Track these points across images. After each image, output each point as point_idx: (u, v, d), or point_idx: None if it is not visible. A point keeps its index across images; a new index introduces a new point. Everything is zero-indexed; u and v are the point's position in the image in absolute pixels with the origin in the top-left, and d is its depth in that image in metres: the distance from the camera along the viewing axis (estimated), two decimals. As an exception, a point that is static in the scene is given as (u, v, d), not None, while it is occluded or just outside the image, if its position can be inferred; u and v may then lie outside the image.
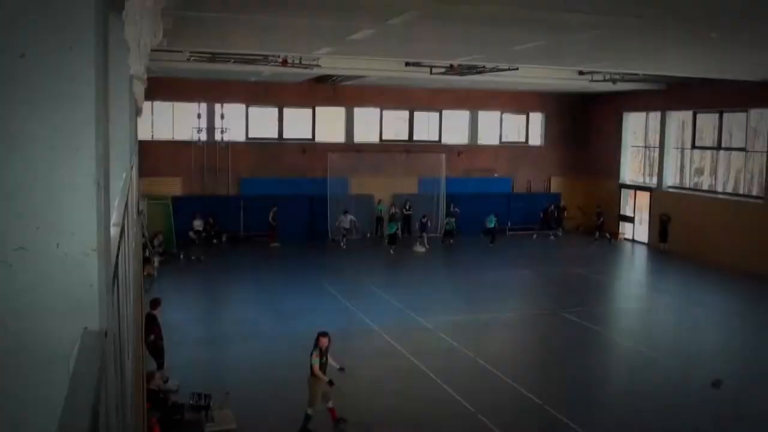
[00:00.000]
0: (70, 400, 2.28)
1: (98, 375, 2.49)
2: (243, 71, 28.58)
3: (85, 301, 2.89)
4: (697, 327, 22.45)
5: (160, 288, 24.26)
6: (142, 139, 32.78)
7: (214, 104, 35.59)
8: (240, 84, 35.37)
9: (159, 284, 25.10)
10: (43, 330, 2.85)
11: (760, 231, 31.08)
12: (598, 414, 15.41)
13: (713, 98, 33.64)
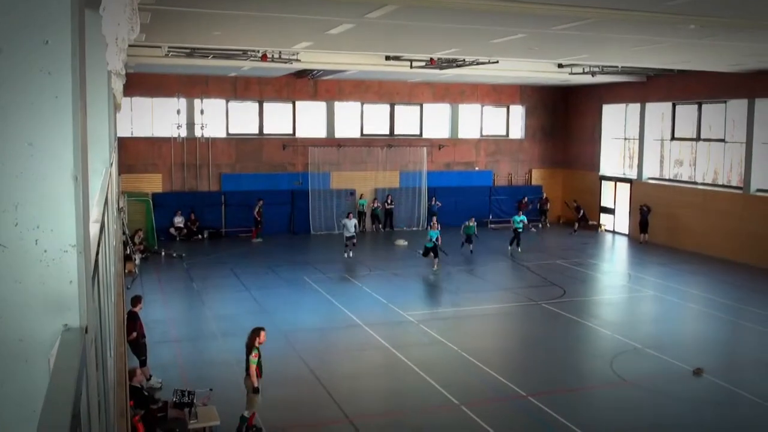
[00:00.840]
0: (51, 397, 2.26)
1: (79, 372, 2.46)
2: (222, 66, 28.48)
3: (65, 297, 2.86)
4: (678, 316, 22.60)
5: (141, 285, 24.20)
6: (122, 135, 32.67)
7: (194, 100, 35.39)
8: (219, 79, 35.26)
9: (140, 282, 25.02)
10: (22, 327, 2.82)
11: (740, 221, 31.37)
12: (582, 403, 15.48)
13: (692, 90, 33.86)
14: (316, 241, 35.21)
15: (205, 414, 12.69)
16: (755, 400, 15.35)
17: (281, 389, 15.37)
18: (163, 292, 24.13)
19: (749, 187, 31.18)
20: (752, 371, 17.55)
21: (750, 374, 17.32)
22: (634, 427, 14.14)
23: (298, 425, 13.77)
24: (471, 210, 39.77)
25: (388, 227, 38.30)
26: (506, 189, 41.68)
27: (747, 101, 31.14)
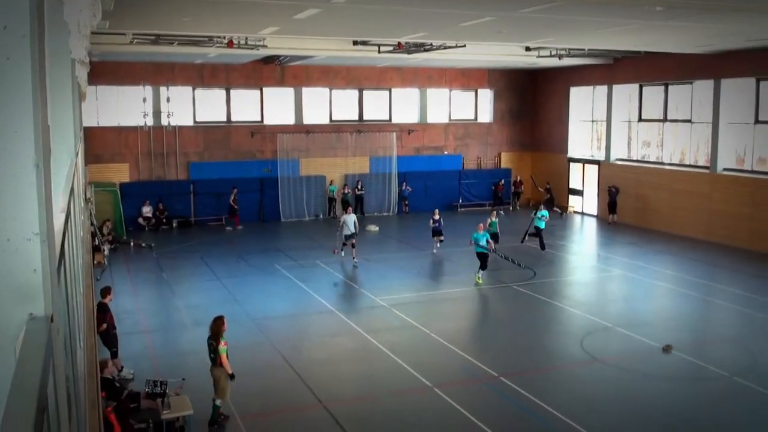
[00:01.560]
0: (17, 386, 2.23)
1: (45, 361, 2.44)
2: (188, 53, 28.21)
3: (29, 286, 2.82)
4: (647, 295, 22.82)
5: (111, 276, 24.02)
6: (88, 125, 32.30)
7: (160, 88, 35.05)
8: (186, 66, 34.96)
9: (110, 272, 24.83)
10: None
11: (707, 200, 31.74)
12: (553, 382, 15.60)
13: (659, 71, 34.13)
14: (287, 229, 35.11)
15: (178, 404, 12.63)
16: (723, 374, 15.59)
17: (254, 377, 15.34)
18: (132, 283, 23.97)
19: (716, 167, 31.53)
20: (720, 347, 17.81)
21: (718, 350, 17.57)
22: (605, 404, 14.27)
23: (272, 412, 13.75)
24: (441, 194, 40.14)
25: (359, 213, 38.22)
26: (476, 173, 41.82)
27: (713, 81, 31.42)
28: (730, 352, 17.28)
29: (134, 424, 11.81)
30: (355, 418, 13.51)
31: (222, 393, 12.90)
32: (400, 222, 37.27)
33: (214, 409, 12.90)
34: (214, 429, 12.83)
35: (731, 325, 19.67)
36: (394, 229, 35.14)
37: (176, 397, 12.82)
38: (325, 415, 13.60)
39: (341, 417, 13.44)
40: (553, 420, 13.41)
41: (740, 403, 14.38)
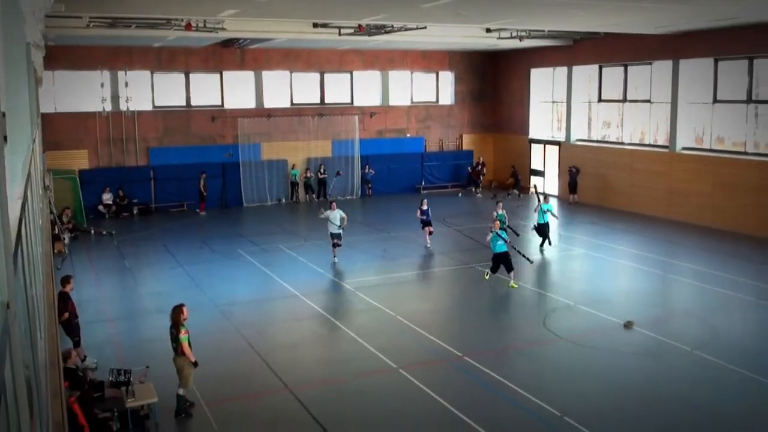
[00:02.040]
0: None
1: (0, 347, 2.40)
2: (146, 36, 27.84)
3: (-16, 274, 2.78)
4: (609, 273, 23.07)
5: (71, 265, 23.75)
6: (45, 111, 31.83)
7: (118, 72, 34.55)
8: (144, 50, 34.52)
9: (70, 261, 24.56)
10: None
11: (667, 179, 32.13)
12: (516, 360, 15.75)
13: (618, 52, 34.39)
14: (249, 214, 34.97)
15: (143, 392, 12.56)
16: (683, 348, 15.85)
17: (219, 363, 15.29)
18: (94, 271, 23.72)
19: (675, 146, 31.90)
20: (680, 321, 18.10)
21: (679, 325, 17.86)
22: (568, 381, 14.44)
23: (238, 397, 13.72)
24: (404, 177, 40.24)
25: (321, 197, 38.22)
26: (438, 155, 41.94)
27: (672, 62, 31.73)
28: (691, 327, 17.55)
29: (98, 413, 11.71)
30: (321, 401, 13.52)
31: (185, 381, 12.83)
32: (363, 205, 37.27)
33: (179, 400, 12.82)
34: (181, 417, 12.76)
35: (691, 301, 19.98)
36: (358, 212, 35.07)
37: (140, 385, 12.74)
38: (290, 398, 13.61)
39: (307, 401, 13.45)
40: (517, 397, 13.55)
41: (700, 375, 14.62)
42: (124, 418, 12.26)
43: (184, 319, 12.87)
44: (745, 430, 12.34)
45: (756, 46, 28.05)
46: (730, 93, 29.95)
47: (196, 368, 12.95)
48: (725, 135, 30.66)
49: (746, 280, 21.70)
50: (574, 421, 12.42)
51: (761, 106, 28.82)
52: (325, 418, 12.70)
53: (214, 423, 12.55)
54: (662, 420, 12.64)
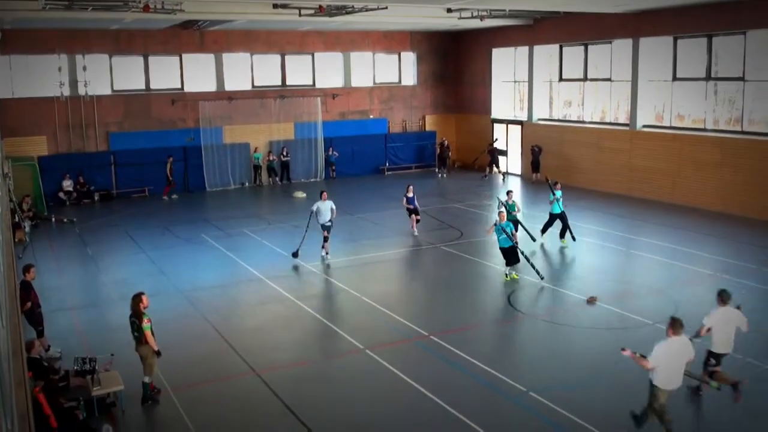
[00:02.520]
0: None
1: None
2: (103, 18, 27.48)
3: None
4: (572, 250, 23.27)
5: (33, 254, 23.51)
6: (2, 96, 31.39)
7: (75, 56, 34.04)
8: (101, 33, 34.04)
9: (32, 250, 24.31)
10: None
11: (628, 156, 32.50)
12: (482, 338, 15.90)
13: (578, 31, 34.62)
14: (213, 198, 34.81)
15: (108, 380, 12.54)
16: (645, 321, 16.17)
17: (185, 348, 15.29)
18: (56, 259, 23.48)
19: (635, 124, 32.25)
20: (642, 296, 18.35)
21: (641, 299, 18.09)
22: (533, 357, 14.67)
23: (204, 382, 13.73)
24: (367, 158, 40.28)
25: (285, 180, 38.14)
26: (401, 136, 42.01)
27: (631, 40, 32.00)
28: (653, 302, 17.81)
29: (64, 402, 11.66)
30: (288, 383, 13.58)
31: (150, 370, 12.80)
32: (327, 187, 37.07)
33: (144, 387, 12.80)
34: (148, 404, 12.75)
35: (654, 276, 20.25)
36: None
37: (106, 373, 12.72)
38: (257, 382, 13.65)
39: (274, 384, 13.51)
40: (483, 373, 13.74)
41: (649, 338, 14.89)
42: (90, 407, 12.21)
43: (144, 307, 12.81)
44: (705, 396, 12.61)
45: (715, 24, 28.38)
46: (689, 71, 30.31)
47: (160, 357, 12.93)
48: (685, 112, 31.05)
49: (704, 254, 22.10)
50: (539, 396, 12.63)
51: (720, 84, 29.22)
52: (293, 401, 12.77)
53: (180, 408, 12.56)
54: (627, 392, 12.90)
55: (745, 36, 27.71)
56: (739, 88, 28.43)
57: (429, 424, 11.90)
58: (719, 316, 12.33)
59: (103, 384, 12.36)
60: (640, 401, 11.79)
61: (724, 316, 12.33)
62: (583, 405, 12.38)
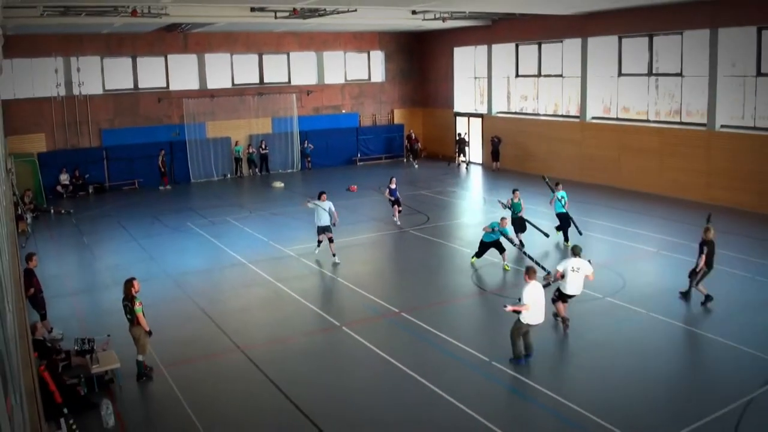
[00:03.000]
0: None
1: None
2: (95, 23, 27.30)
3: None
4: (530, 232, 23.41)
5: (35, 243, 23.43)
6: (5, 98, 31.10)
7: (70, 58, 33.80)
8: (94, 37, 33.80)
9: (34, 240, 24.22)
10: None
11: (579, 146, 32.88)
12: (447, 314, 16.08)
13: (533, 31, 34.89)
14: (197, 189, 34.75)
15: (106, 358, 12.65)
16: (596, 295, 16.49)
17: (175, 329, 15.40)
18: (55, 248, 23.39)
19: (585, 116, 32.62)
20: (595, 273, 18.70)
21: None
22: (494, 330, 14.87)
23: (193, 359, 13.86)
24: (341, 150, 40.37)
25: (264, 171, 38.16)
26: (372, 129, 42.13)
27: (580, 40, 32.33)
28: (603, 277, 18.07)
29: (66, 380, 11.78)
30: (270, 359, 13.75)
31: (143, 349, 12.91)
32: (303, 178, 37.31)
33: (139, 365, 12.92)
34: (143, 381, 12.88)
35: (604, 254, 20.51)
36: (299, 184, 35.16)
37: (103, 352, 12.83)
38: (242, 358, 13.81)
39: (257, 359, 13.68)
40: (449, 346, 14.02)
41: (611, 318, 15.45)
42: (91, 384, 12.34)
43: (136, 291, 12.89)
44: (654, 357, 12.99)
45: (656, 24, 28.76)
46: (633, 67, 30.70)
47: (151, 336, 13.05)
48: (630, 105, 31.43)
49: (647, 233, 22.52)
50: (500, 365, 12.93)
51: (661, 79, 29.64)
52: (276, 375, 12.94)
53: (172, 384, 12.69)
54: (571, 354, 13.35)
55: (683, 36, 28.13)
56: (677, 83, 28.86)
57: (401, 394, 12.13)
58: (569, 263, 14.36)
59: (102, 362, 12.46)
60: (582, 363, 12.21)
61: (574, 264, 14.33)
62: (536, 371, 12.73)
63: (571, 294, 14.52)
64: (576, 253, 14.53)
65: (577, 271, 14.37)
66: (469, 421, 11.02)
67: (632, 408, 11.27)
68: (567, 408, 11.28)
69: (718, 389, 11.85)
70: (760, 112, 26.10)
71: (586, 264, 14.47)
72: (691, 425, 10.63)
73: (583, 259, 14.56)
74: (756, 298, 15.85)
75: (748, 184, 25.91)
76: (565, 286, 14.46)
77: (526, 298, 12.73)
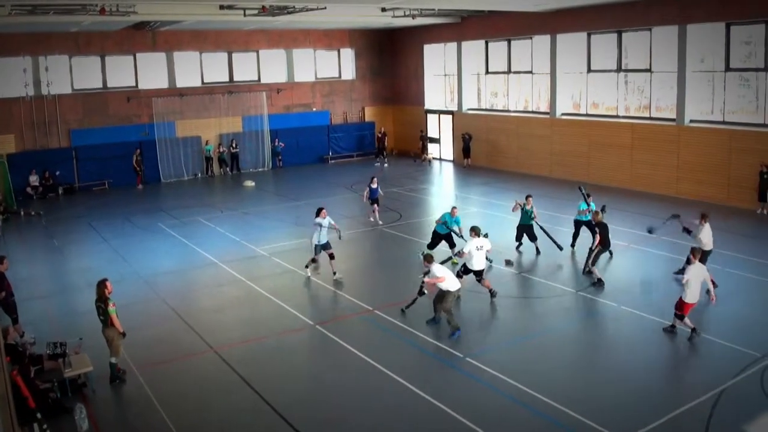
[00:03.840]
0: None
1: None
2: (63, 22, 27.05)
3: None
4: (499, 227, 23.63)
5: (5, 246, 23.19)
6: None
7: (38, 57, 33.42)
8: (62, 36, 33.44)
9: (4, 242, 23.99)
10: None
11: (549, 142, 33.18)
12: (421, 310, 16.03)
13: (502, 28, 35.11)
14: (167, 189, 34.58)
15: (79, 362, 12.60)
16: (568, 290, 16.72)
17: (147, 330, 15.36)
18: (26, 251, 23.17)
19: (555, 112, 32.92)
20: (565, 267, 19.11)
21: (563, 270, 18.90)
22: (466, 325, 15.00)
23: (166, 360, 13.84)
24: (312, 148, 40.38)
25: (235, 170, 38.06)
26: (343, 127, 42.17)
27: (550, 36, 32.61)
28: (575, 272, 18.46)
29: (39, 384, 11.72)
30: (244, 358, 13.78)
31: (116, 351, 12.88)
32: (275, 176, 37.26)
33: (112, 367, 12.88)
34: (116, 383, 12.85)
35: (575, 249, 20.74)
36: (270, 183, 35.13)
37: (76, 356, 12.77)
38: (216, 359, 13.82)
39: (231, 359, 13.70)
40: (421, 342, 14.21)
41: (582, 311, 15.66)
42: (64, 388, 12.28)
43: (109, 292, 12.86)
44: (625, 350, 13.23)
45: (624, 21, 29.12)
46: (602, 63, 31.05)
47: (125, 338, 13.02)
48: (599, 101, 31.80)
49: (619, 228, 22.70)
50: (474, 360, 13.10)
51: (630, 74, 30.02)
52: (250, 375, 12.97)
53: (146, 386, 12.67)
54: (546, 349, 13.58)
55: (651, 32, 28.50)
56: (646, 78, 29.25)
57: (376, 391, 12.22)
58: (473, 243, 16.03)
59: (74, 366, 12.42)
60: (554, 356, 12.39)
61: (477, 244, 16.04)
62: (509, 365, 12.88)
63: (477, 269, 16.25)
64: (477, 232, 16.19)
65: (481, 249, 16.14)
66: (442, 415, 11.14)
67: (605, 400, 11.47)
68: (541, 402, 11.43)
69: (690, 381, 12.12)
70: (729, 107, 26.56)
71: (486, 241, 16.36)
72: (664, 416, 10.84)
73: (483, 238, 16.36)
74: (724, 290, 16.13)
75: (717, 178, 26.34)
76: (471, 263, 16.19)
77: (437, 272, 14.52)
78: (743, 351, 13.13)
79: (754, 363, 12.58)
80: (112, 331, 12.78)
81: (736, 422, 10.69)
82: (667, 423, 10.70)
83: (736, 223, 23.13)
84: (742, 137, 25.60)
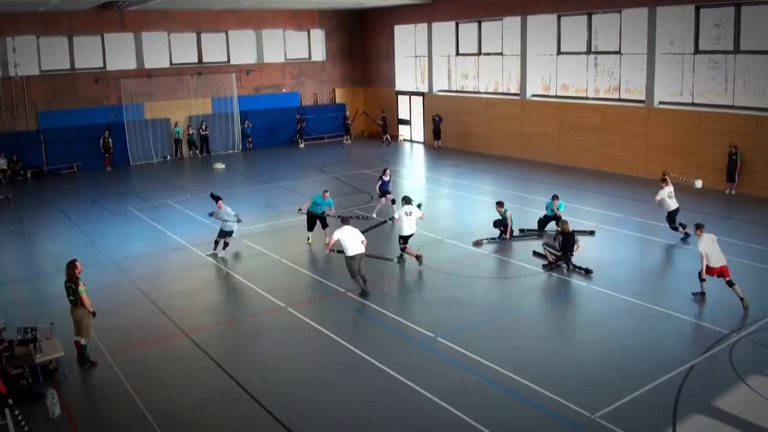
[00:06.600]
0: None
1: None
2: (31, 1, 26.60)
3: None
4: (471, 209, 23.87)
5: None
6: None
7: (5, 38, 32.91)
8: (29, 15, 32.93)
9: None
10: None
11: (519, 123, 33.38)
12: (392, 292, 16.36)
13: (472, 9, 35.19)
14: (137, 172, 34.34)
15: (50, 347, 12.57)
16: (535, 269, 16.93)
17: (118, 314, 15.32)
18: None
19: (525, 94, 33.10)
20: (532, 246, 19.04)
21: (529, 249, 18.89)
22: (437, 303, 15.28)
23: (137, 345, 13.83)
24: (282, 130, 40.29)
25: (204, 152, 37.86)
26: (313, 108, 42.06)
27: (520, 18, 32.71)
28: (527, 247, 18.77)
29: (10, 370, 11.70)
30: (216, 341, 13.84)
31: (86, 331, 12.85)
32: (245, 159, 37.13)
33: (83, 348, 12.87)
34: (86, 367, 12.85)
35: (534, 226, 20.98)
36: (240, 165, 35.02)
37: (47, 341, 12.74)
38: (188, 343, 13.84)
39: (203, 343, 13.73)
40: (394, 323, 14.31)
41: (553, 291, 15.87)
42: (35, 373, 12.25)
43: (79, 272, 12.84)
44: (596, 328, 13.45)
45: (594, 3, 29.31)
46: (572, 45, 31.25)
47: (95, 318, 12.99)
48: (569, 83, 32.03)
49: (589, 208, 23.03)
50: (446, 341, 13.23)
51: (600, 57, 30.25)
52: (222, 358, 13.02)
53: (118, 370, 12.66)
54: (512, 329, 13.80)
55: (621, 14, 28.71)
56: (616, 60, 29.49)
57: (348, 371, 12.35)
58: (402, 210, 17.72)
59: (45, 351, 12.39)
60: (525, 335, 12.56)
61: (407, 210, 17.70)
62: (479, 344, 13.06)
63: (408, 234, 17.83)
64: (408, 201, 17.92)
65: (410, 215, 17.74)
66: (414, 395, 11.27)
67: (576, 378, 11.67)
68: (513, 381, 11.60)
69: (660, 357, 12.33)
70: (698, 89, 26.88)
71: (416, 209, 18.04)
72: (634, 392, 11.08)
73: (413, 206, 17.98)
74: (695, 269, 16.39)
75: (686, 159, 26.69)
76: (402, 229, 17.84)
77: (337, 238, 15.79)
78: (713, 328, 13.45)
79: (722, 340, 12.89)
80: (82, 311, 12.74)
81: (705, 397, 10.95)
82: (638, 397, 10.94)
83: (706, 203, 23.48)
84: (711, 119, 25.95)
